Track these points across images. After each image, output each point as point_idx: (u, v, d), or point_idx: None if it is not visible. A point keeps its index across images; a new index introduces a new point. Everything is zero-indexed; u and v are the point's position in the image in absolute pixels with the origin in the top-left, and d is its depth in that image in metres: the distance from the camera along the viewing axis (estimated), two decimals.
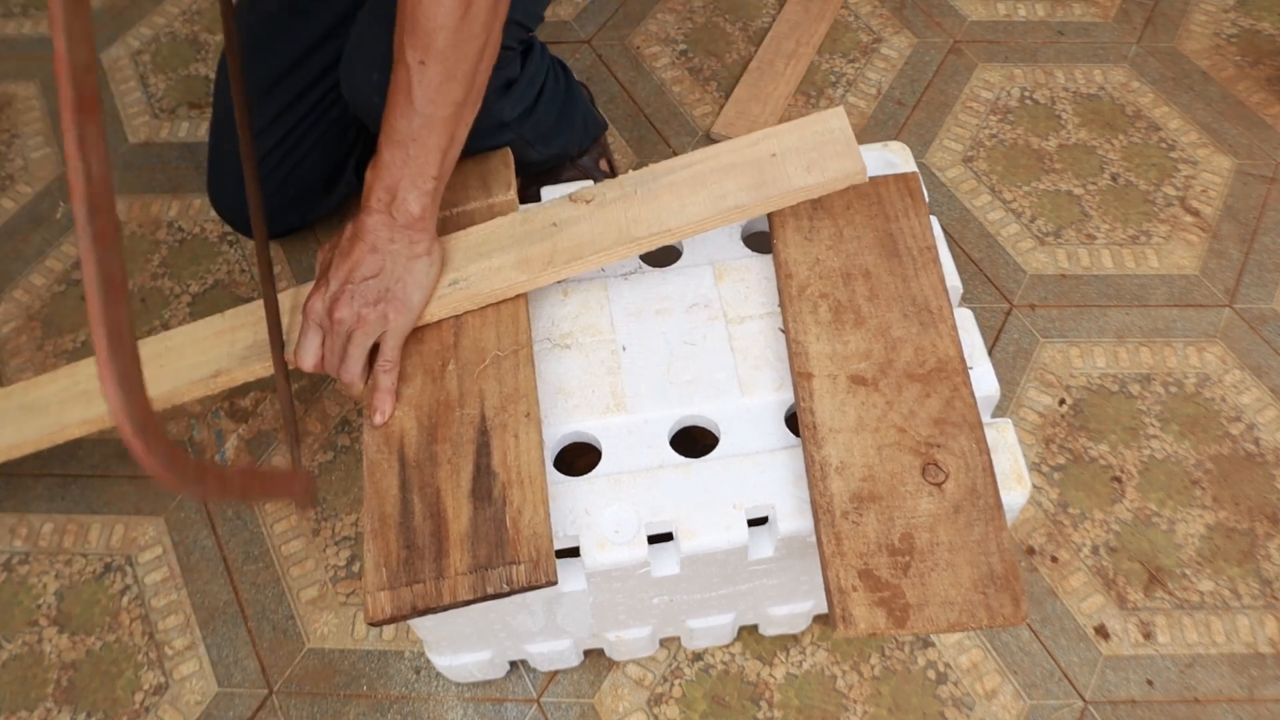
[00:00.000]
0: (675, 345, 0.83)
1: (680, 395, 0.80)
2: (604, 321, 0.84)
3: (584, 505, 0.75)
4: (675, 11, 1.56)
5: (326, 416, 1.15)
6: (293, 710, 0.97)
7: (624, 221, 0.84)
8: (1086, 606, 1.01)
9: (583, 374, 0.82)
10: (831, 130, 0.85)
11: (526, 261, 0.83)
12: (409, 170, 0.79)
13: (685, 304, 0.85)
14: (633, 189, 0.85)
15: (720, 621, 0.91)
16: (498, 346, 0.80)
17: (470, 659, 0.91)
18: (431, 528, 0.73)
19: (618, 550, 0.74)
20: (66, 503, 1.11)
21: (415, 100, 0.78)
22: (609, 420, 0.79)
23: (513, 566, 0.71)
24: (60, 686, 0.99)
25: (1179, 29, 1.50)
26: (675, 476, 0.76)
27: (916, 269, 0.82)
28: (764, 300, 0.85)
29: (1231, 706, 0.95)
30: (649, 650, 0.96)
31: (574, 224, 0.85)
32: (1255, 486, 1.08)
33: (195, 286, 1.27)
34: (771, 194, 0.83)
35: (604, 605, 0.83)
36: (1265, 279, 1.23)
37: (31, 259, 1.31)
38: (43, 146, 1.42)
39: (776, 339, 0.83)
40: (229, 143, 1.15)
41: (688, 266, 0.88)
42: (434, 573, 0.71)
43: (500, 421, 0.77)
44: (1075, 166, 1.35)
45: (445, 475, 0.75)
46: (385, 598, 0.71)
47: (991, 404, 0.80)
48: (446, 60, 0.78)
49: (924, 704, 0.96)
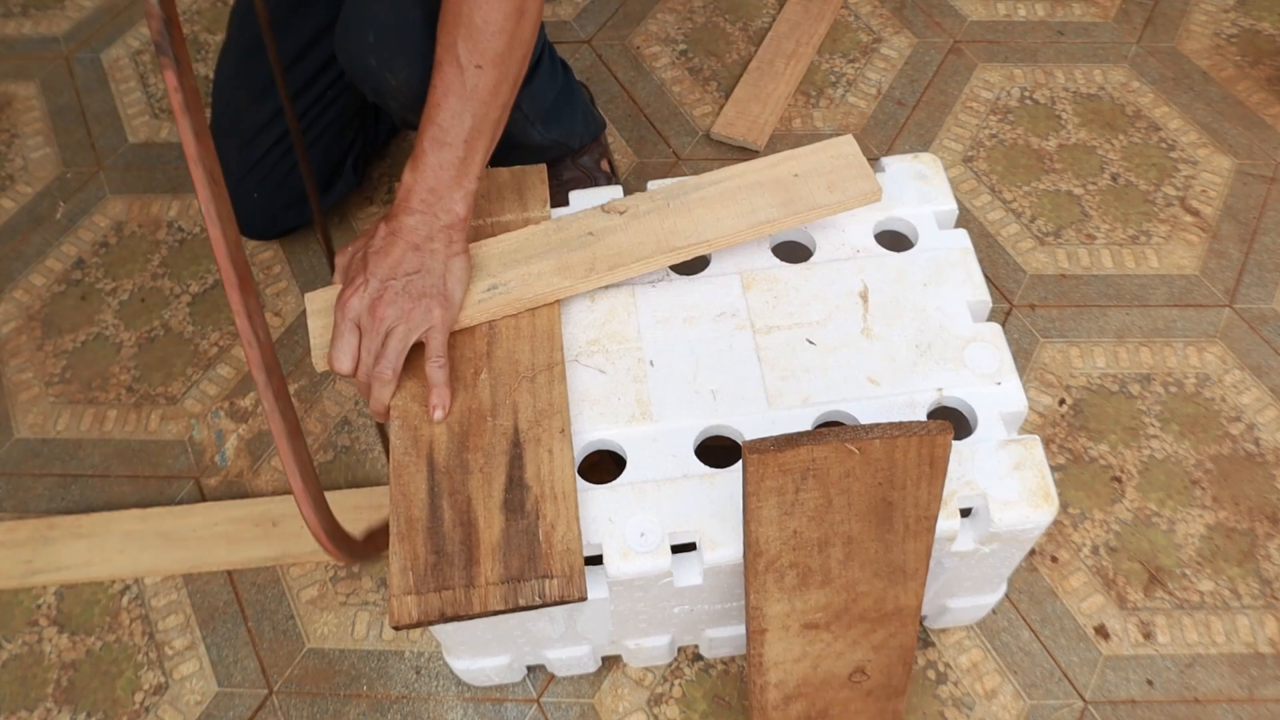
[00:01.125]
0: (702, 354, 0.83)
1: (706, 405, 0.80)
2: (631, 329, 0.84)
3: (608, 514, 0.75)
4: (675, 11, 1.56)
5: (326, 416, 1.15)
6: (293, 710, 0.97)
7: (661, 232, 0.85)
8: (1086, 606, 1.01)
9: (609, 382, 0.82)
10: (845, 155, 0.89)
11: (568, 268, 0.84)
12: (456, 172, 0.79)
13: (713, 313, 0.85)
14: (664, 202, 0.87)
15: (739, 631, 0.91)
16: (532, 359, 0.81)
17: (489, 663, 0.91)
18: (462, 535, 0.73)
19: (641, 559, 0.73)
20: (67, 503, 1.11)
21: (469, 103, 0.77)
22: (634, 429, 0.79)
23: (545, 580, 0.71)
24: (60, 686, 0.99)
25: (1179, 29, 1.50)
26: (700, 487, 0.76)
27: (905, 537, 0.72)
28: (792, 311, 0.85)
29: (1231, 706, 0.95)
30: (667, 659, 0.96)
31: (611, 233, 0.86)
32: (1255, 486, 1.08)
33: (195, 286, 1.27)
34: (799, 210, 0.85)
35: (625, 613, 0.83)
36: (1265, 279, 1.23)
37: (31, 259, 1.31)
38: (43, 146, 1.42)
39: (804, 351, 0.82)
40: (226, 141, 1.15)
41: (715, 275, 0.87)
42: (464, 580, 0.71)
43: (534, 435, 0.77)
44: (1075, 166, 1.35)
45: (477, 484, 0.75)
46: (412, 602, 0.71)
47: (1019, 420, 0.80)
48: (502, 65, 0.78)
49: (924, 704, 0.96)
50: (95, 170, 1.39)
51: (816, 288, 0.86)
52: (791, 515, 0.69)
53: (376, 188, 1.35)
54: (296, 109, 1.12)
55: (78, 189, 1.38)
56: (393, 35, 0.90)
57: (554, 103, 1.12)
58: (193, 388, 1.18)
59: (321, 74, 1.11)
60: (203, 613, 1.03)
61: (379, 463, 1.12)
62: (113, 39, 1.54)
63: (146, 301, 1.26)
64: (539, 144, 1.13)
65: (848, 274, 0.87)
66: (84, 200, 1.36)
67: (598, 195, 0.91)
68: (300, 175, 1.17)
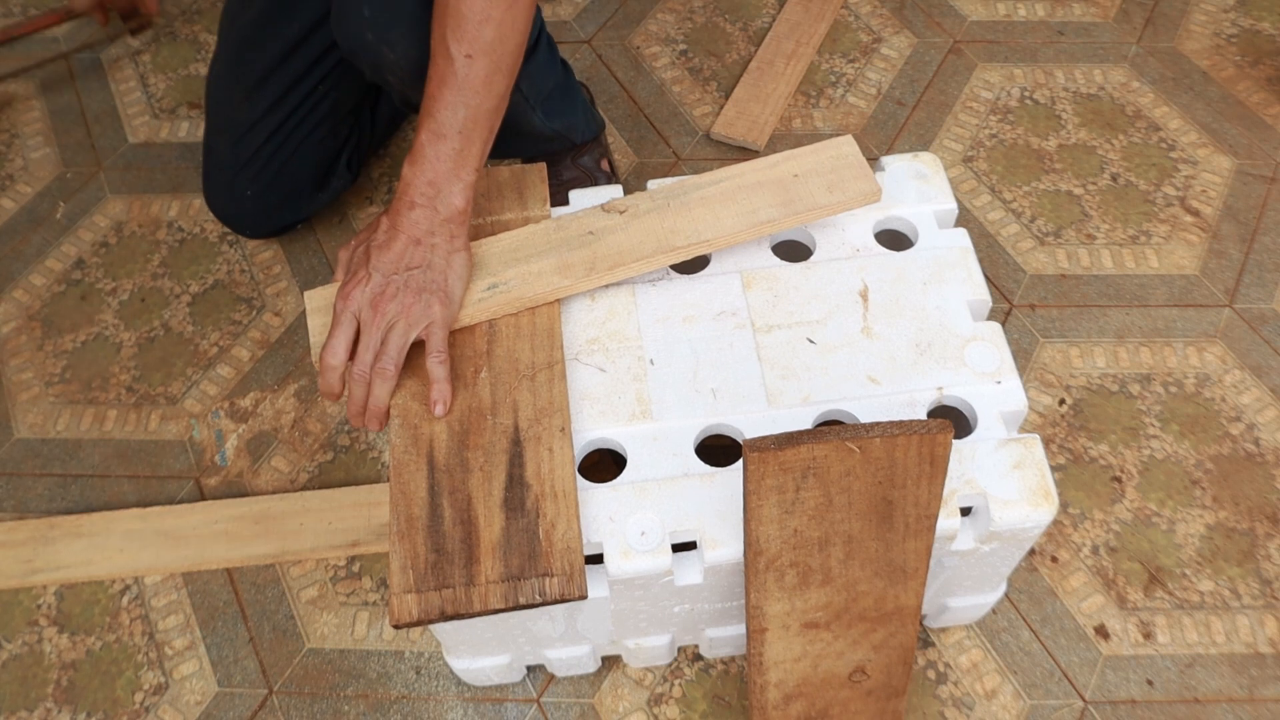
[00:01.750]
0: (702, 353, 0.83)
1: (706, 404, 0.80)
2: (631, 328, 0.84)
3: (608, 512, 0.75)
4: (675, 11, 1.56)
5: (326, 416, 1.15)
6: (292, 710, 0.97)
7: (661, 231, 0.85)
8: (1086, 606, 1.01)
9: (609, 380, 0.81)
10: (845, 155, 0.89)
11: (568, 267, 0.84)
12: (454, 164, 0.79)
13: (712, 312, 0.85)
14: (665, 201, 0.87)
15: (739, 631, 0.91)
16: (532, 357, 0.81)
17: (488, 663, 0.91)
18: (462, 534, 0.73)
19: (641, 558, 0.73)
20: (66, 503, 1.11)
21: (463, 94, 0.77)
22: (634, 428, 0.79)
23: (546, 579, 0.71)
24: (60, 686, 0.99)
25: (1179, 29, 1.50)
26: (700, 485, 0.76)
27: (906, 536, 0.72)
28: (792, 310, 0.84)
29: (1231, 706, 0.95)
30: (667, 658, 0.96)
31: (611, 233, 0.86)
32: (1255, 486, 1.08)
33: (195, 286, 1.27)
34: (799, 210, 0.86)
35: (625, 612, 0.83)
36: (1265, 279, 1.23)
37: (31, 259, 1.31)
38: (42, 146, 1.42)
39: (804, 349, 0.82)
40: (219, 138, 1.15)
41: (716, 274, 0.87)
42: (464, 579, 0.71)
43: (534, 434, 0.77)
44: (1075, 166, 1.35)
45: (477, 482, 0.75)
46: (412, 600, 0.71)
47: (1019, 419, 0.80)
48: (493, 54, 0.78)
49: (924, 704, 0.96)
50: (95, 170, 1.39)
51: (816, 287, 0.86)
52: (792, 514, 0.69)
53: (376, 187, 1.35)
54: (287, 105, 1.12)
55: (78, 189, 1.38)
56: (387, 8, 0.90)
57: (554, 91, 1.11)
58: (193, 388, 1.18)
59: (313, 69, 1.11)
60: (203, 613, 1.03)
61: (379, 462, 1.12)
62: (113, 39, 1.54)
63: (146, 301, 1.26)
64: (540, 132, 1.13)
65: (848, 273, 0.87)
66: (84, 200, 1.36)
67: (598, 195, 0.91)
68: (294, 173, 1.17)
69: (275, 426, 1.15)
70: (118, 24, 1.47)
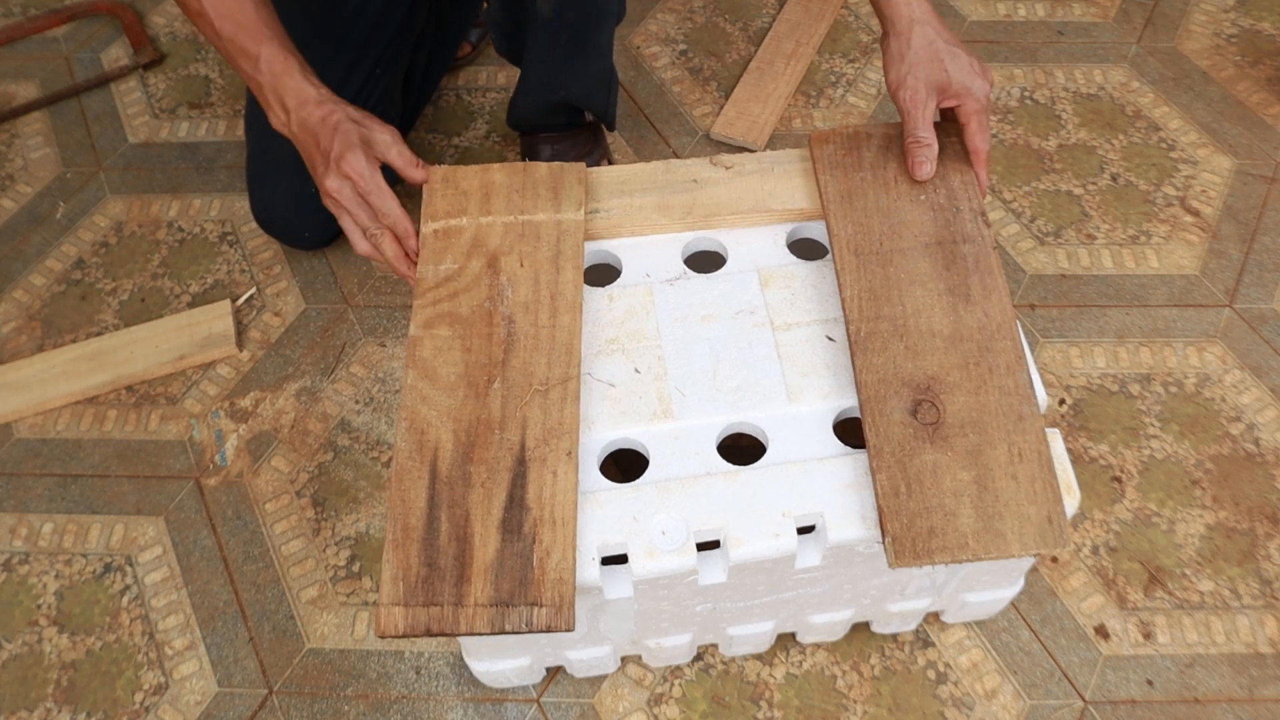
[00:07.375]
0: (721, 352, 0.82)
1: (727, 402, 0.80)
2: (650, 327, 0.84)
3: (632, 513, 0.74)
4: (675, 11, 1.56)
5: (327, 416, 1.15)
6: (292, 710, 0.97)
7: (760, 193, 0.89)
8: (1086, 606, 1.01)
9: (629, 380, 0.81)
10: None
11: (667, 208, 0.89)
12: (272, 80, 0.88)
13: (731, 310, 0.85)
14: (770, 165, 0.91)
15: (761, 629, 0.91)
16: (548, 372, 0.79)
17: (509, 665, 0.90)
18: (456, 551, 0.72)
19: (666, 558, 0.73)
20: (66, 503, 1.11)
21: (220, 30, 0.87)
22: (656, 427, 0.79)
23: (534, 608, 0.70)
24: (60, 686, 0.99)
25: (1179, 29, 1.50)
26: (723, 484, 0.76)
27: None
28: (811, 307, 0.84)
29: (1231, 706, 0.95)
30: (687, 657, 0.96)
31: (713, 184, 0.90)
32: (1255, 486, 1.08)
33: (195, 286, 1.27)
34: None
35: (648, 612, 0.82)
36: (1265, 279, 1.23)
37: (31, 259, 1.31)
38: (42, 146, 1.42)
39: (824, 346, 0.82)
40: (273, 153, 1.16)
41: (733, 273, 0.87)
42: (453, 598, 0.70)
43: (540, 454, 0.75)
44: (1075, 166, 1.35)
45: (477, 499, 0.74)
46: (399, 613, 0.70)
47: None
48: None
49: (924, 704, 0.96)
50: (95, 170, 1.39)
51: (834, 284, 0.85)
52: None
53: None
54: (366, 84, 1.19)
55: (78, 189, 1.38)
56: None
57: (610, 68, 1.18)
58: (193, 388, 1.18)
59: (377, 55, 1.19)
60: (203, 613, 1.03)
61: (379, 462, 1.12)
62: (113, 39, 1.54)
63: (146, 301, 1.26)
64: (593, 70, 1.17)
65: None
66: (84, 200, 1.36)
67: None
68: None
69: (275, 427, 1.15)
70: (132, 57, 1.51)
